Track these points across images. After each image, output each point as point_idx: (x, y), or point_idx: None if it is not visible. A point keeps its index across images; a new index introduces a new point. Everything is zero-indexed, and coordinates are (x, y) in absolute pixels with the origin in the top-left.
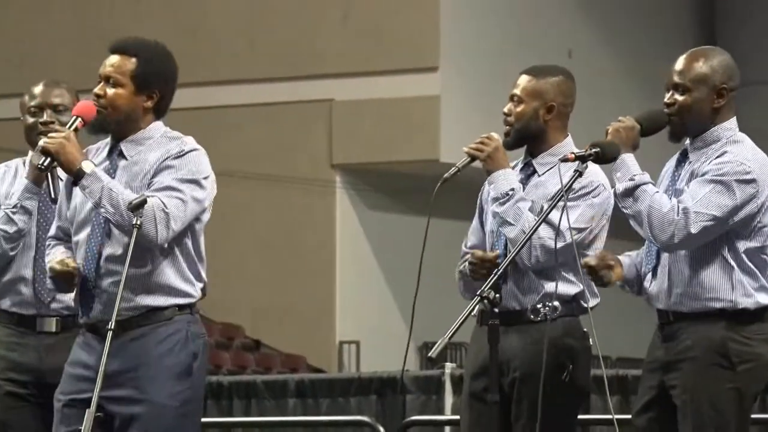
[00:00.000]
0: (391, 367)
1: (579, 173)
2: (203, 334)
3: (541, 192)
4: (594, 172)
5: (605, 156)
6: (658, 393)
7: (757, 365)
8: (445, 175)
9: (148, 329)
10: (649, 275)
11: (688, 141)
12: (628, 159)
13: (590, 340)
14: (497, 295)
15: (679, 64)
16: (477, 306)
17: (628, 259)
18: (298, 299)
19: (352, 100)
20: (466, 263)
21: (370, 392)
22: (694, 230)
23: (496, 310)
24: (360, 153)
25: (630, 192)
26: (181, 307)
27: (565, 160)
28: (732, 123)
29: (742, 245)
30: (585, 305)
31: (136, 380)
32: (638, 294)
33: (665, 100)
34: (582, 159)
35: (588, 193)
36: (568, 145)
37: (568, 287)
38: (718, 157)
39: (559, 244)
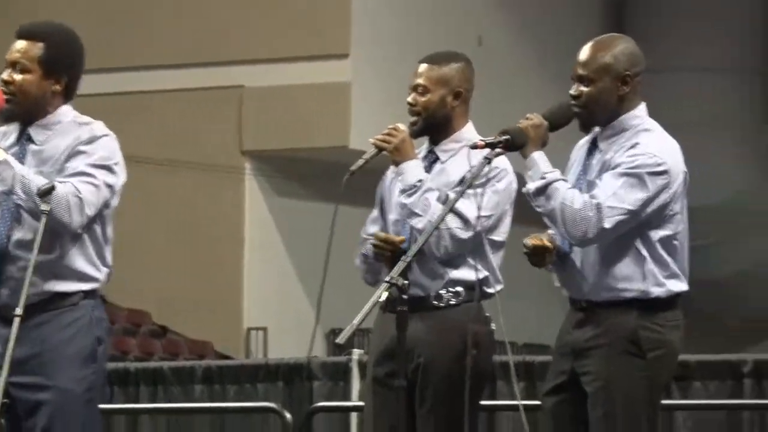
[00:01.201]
0: (299, 354)
1: (489, 160)
2: (105, 318)
3: (444, 180)
4: (498, 163)
5: (515, 143)
6: (568, 378)
7: (668, 353)
8: (352, 167)
9: (52, 315)
10: (563, 264)
11: (598, 129)
12: (538, 157)
13: (493, 325)
14: (406, 282)
15: (582, 54)
16: (385, 293)
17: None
18: (205, 285)
19: (263, 87)
20: (369, 246)
21: (278, 379)
22: (607, 225)
23: (405, 296)
24: (270, 139)
25: (542, 191)
26: (86, 292)
27: (474, 147)
28: (641, 110)
29: (654, 234)
30: (489, 291)
31: (42, 366)
32: (557, 270)
33: (571, 92)
34: (492, 146)
35: (492, 179)
36: (470, 131)
37: (471, 273)
38: (630, 148)
39: (468, 234)
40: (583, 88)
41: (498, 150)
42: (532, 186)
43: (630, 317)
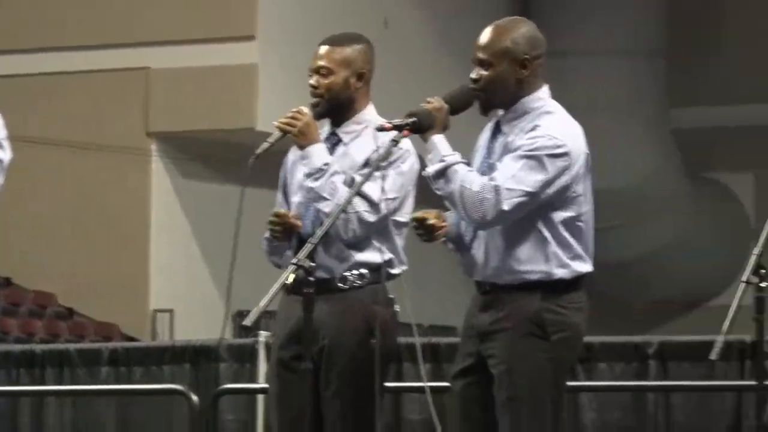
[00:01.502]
0: (205, 336)
1: (396, 142)
2: None
3: (348, 162)
4: (401, 144)
5: (422, 125)
6: (475, 361)
7: (572, 335)
8: (257, 150)
9: None
10: (467, 247)
11: (501, 112)
12: (438, 140)
13: (397, 306)
14: (313, 264)
15: (482, 38)
16: (292, 275)
17: (452, 216)
18: (111, 267)
19: (169, 68)
20: None
21: (184, 361)
22: (506, 207)
23: (312, 278)
24: (176, 121)
25: (441, 173)
26: None
27: (381, 129)
28: (542, 92)
29: (557, 216)
30: (393, 272)
31: None
32: (458, 251)
33: (471, 76)
34: (399, 128)
35: (395, 161)
36: (372, 113)
37: (376, 255)
38: (530, 131)
39: (375, 217)
40: (483, 72)
41: (405, 132)
42: (431, 169)
43: (534, 299)
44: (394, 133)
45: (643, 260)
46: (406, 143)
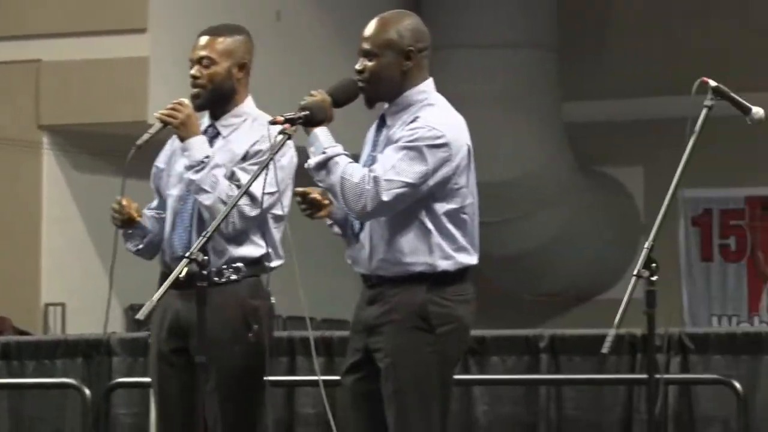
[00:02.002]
0: (98, 330)
1: (288, 136)
2: None
3: (227, 155)
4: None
5: (314, 118)
6: (363, 356)
7: (457, 327)
8: (138, 141)
9: None
10: (354, 238)
11: (386, 105)
12: (320, 133)
13: (273, 299)
14: (206, 257)
15: (367, 30)
16: (186, 268)
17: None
18: (2, 261)
19: (60, 61)
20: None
21: (77, 354)
22: (386, 198)
23: (205, 272)
24: (68, 114)
25: (322, 165)
26: None
27: (274, 122)
28: (426, 86)
29: (440, 208)
30: (270, 265)
31: None
32: (344, 237)
33: (356, 67)
34: (291, 122)
35: (275, 155)
36: (251, 105)
37: (253, 249)
38: (410, 122)
39: (256, 212)
40: (367, 63)
41: (297, 125)
42: (313, 161)
43: (419, 292)
44: (279, 127)
45: (535, 253)
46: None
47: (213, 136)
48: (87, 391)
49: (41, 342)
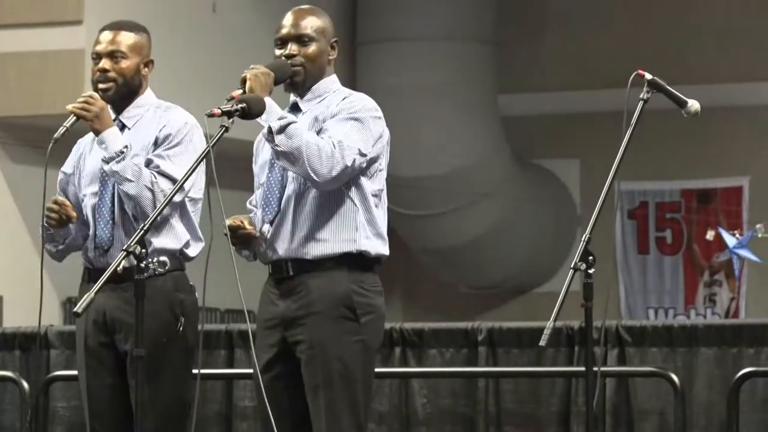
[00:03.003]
0: (35, 323)
1: (226, 128)
2: None
3: (138, 145)
4: (180, 116)
5: (252, 111)
6: (279, 350)
7: (377, 317)
8: (55, 135)
9: None
10: (267, 225)
11: (293, 97)
12: (271, 102)
13: (197, 294)
14: (144, 250)
15: (295, 18)
16: (123, 261)
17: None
18: None
19: None
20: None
21: (14, 347)
22: (348, 162)
23: (143, 264)
24: (3, 106)
25: (282, 129)
26: None
27: (211, 115)
28: (335, 78)
29: (368, 186)
30: (190, 255)
31: None
32: (253, 260)
33: (285, 52)
34: (229, 114)
35: (184, 138)
36: (151, 95)
37: (174, 241)
38: (343, 99)
39: (180, 196)
40: (301, 48)
41: (235, 118)
42: (274, 124)
43: (341, 281)
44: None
45: (472, 245)
46: (189, 118)
47: (119, 128)
48: (25, 384)
49: None
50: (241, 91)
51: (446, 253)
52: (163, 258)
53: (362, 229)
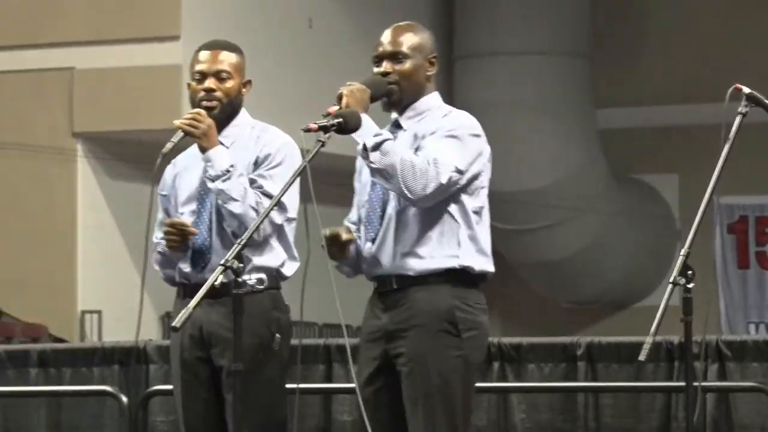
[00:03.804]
0: (134, 337)
1: (322, 143)
2: None
3: (238, 166)
4: (278, 136)
5: (348, 126)
6: (381, 363)
7: (480, 334)
8: (163, 150)
9: None
10: (370, 243)
11: (394, 114)
12: (368, 119)
13: (291, 314)
14: (241, 265)
15: (392, 35)
16: (220, 276)
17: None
18: (39, 269)
19: (93, 69)
20: (162, 243)
21: (113, 362)
22: (443, 180)
23: (240, 279)
24: (102, 121)
25: (378, 146)
26: None
27: (308, 130)
28: (438, 95)
29: (469, 203)
30: (286, 274)
31: None
32: (353, 275)
33: (380, 70)
34: (325, 129)
35: (284, 159)
36: (245, 115)
37: (273, 258)
38: (443, 117)
39: (282, 218)
40: (396, 66)
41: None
42: (369, 141)
43: (443, 295)
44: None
45: (571, 260)
46: (287, 138)
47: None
48: (124, 399)
49: (78, 349)
50: (337, 107)
51: (545, 268)
52: (261, 275)
53: (465, 246)
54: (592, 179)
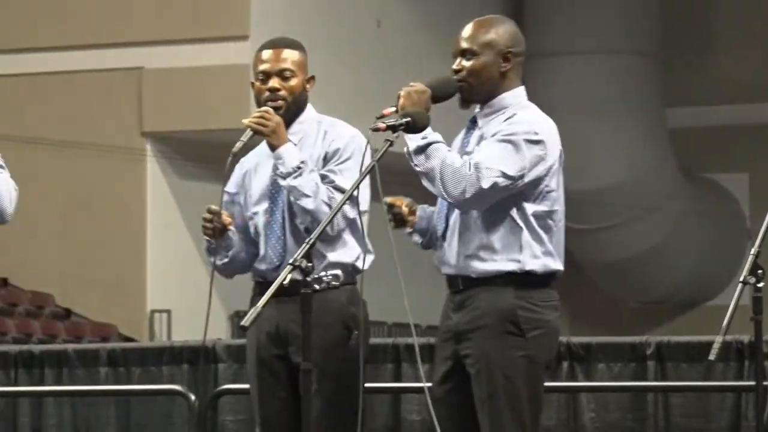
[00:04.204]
0: (202, 336)
1: (390, 143)
2: None
3: (310, 160)
4: (346, 130)
5: (416, 125)
6: (453, 363)
7: (546, 332)
8: (233, 149)
9: None
10: (441, 241)
11: (477, 108)
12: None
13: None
14: (310, 264)
15: (466, 31)
16: (290, 275)
17: (420, 210)
18: (108, 268)
19: (162, 68)
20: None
21: (182, 361)
22: (485, 185)
23: (309, 278)
24: (171, 121)
25: (422, 149)
26: None
27: (376, 129)
28: (520, 92)
29: (530, 208)
30: (361, 267)
31: None
32: (425, 247)
33: (453, 67)
34: (393, 128)
35: (354, 153)
36: (311, 110)
37: (348, 253)
38: (507, 119)
39: (354, 212)
40: (465, 63)
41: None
42: (412, 144)
43: (507, 296)
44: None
45: (640, 259)
46: (355, 131)
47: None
48: (193, 398)
49: (147, 349)
50: (393, 108)
51: (614, 268)
52: (336, 271)
53: (527, 248)
54: (662, 178)
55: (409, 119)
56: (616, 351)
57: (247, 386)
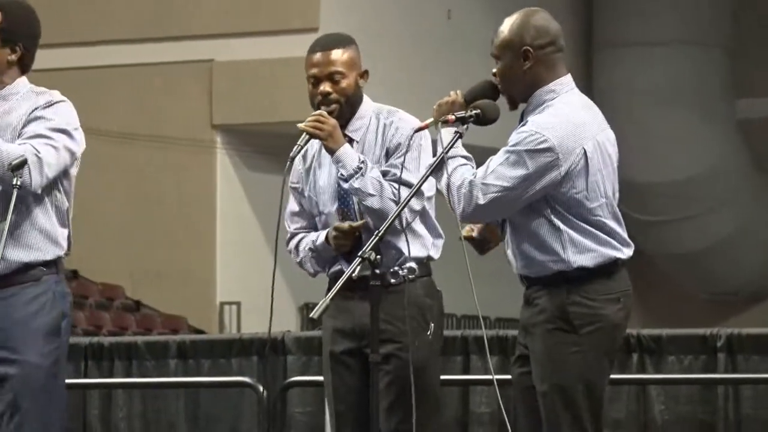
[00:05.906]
0: (273, 328)
1: (460, 135)
2: (69, 293)
3: (370, 159)
4: (405, 122)
5: (486, 117)
6: (523, 353)
7: (603, 326)
8: (291, 153)
9: (17, 289)
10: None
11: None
12: (445, 134)
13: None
14: (378, 257)
15: (494, 34)
16: (358, 268)
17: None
18: (178, 260)
19: (233, 61)
20: (320, 237)
21: (252, 353)
22: (482, 202)
23: (378, 271)
24: (241, 114)
25: (438, 167)
26: (47, 264)
27: (445, 122)
28: (556, 84)
29: (563, 208)
30: (434, 257)
31: (9, 340)
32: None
33: (493, 70)
34: (462, 121)
35: (415, 141)
36: (368, 102)
37: (421, 248)
38: (522, 125)
39: (421, 204)
40: (495, 68)
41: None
42: (431, 162)
43: (559, 292)
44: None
45: (711, 251)
46: (413, 121)
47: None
48: (262, 390)
49: (216, 341)
50: (431, 120)
51: (684, 260)
52: (412, 264)
53: (570, 246)
54: (733, 170)
55: (478, 111)
56: (686, 343)
57: (315, 378)
